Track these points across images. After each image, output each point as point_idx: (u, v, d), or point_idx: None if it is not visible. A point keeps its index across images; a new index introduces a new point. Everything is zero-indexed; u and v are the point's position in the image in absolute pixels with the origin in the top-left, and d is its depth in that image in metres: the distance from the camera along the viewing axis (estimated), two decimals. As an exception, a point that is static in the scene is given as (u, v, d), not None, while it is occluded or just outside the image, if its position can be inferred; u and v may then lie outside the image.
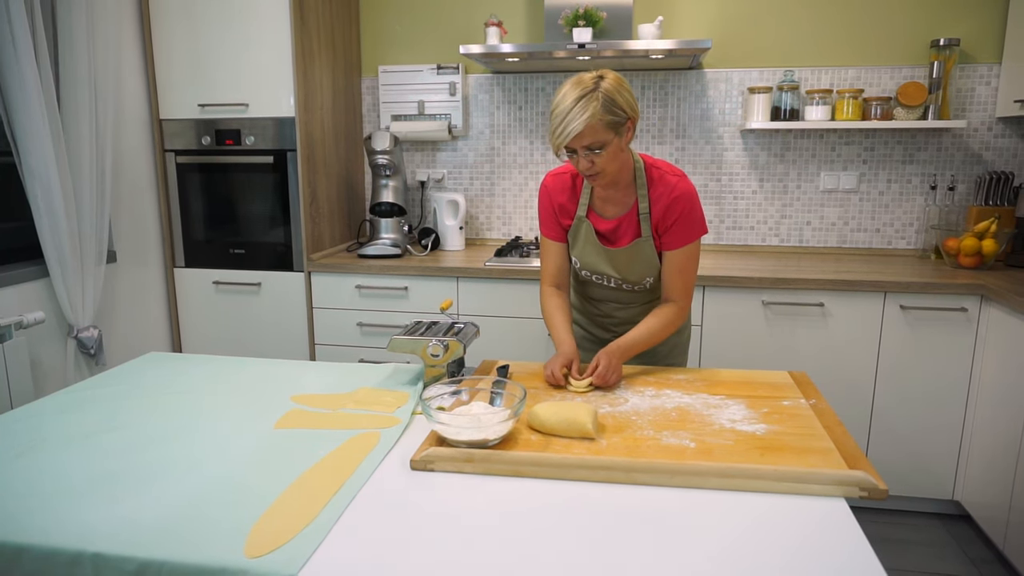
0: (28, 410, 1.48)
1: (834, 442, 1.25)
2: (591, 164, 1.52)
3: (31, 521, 1.03)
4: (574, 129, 1.46)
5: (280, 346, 2.92)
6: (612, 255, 1.70)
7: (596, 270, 1.74)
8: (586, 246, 1.72)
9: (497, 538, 1.00)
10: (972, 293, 2.37)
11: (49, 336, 2.38)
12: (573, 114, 1.45)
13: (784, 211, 3.04)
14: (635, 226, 1.67)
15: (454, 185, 3.30)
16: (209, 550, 0.95)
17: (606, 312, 1.86)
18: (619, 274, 1.72)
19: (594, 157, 1.51)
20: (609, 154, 1.51)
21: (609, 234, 1.70)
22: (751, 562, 0.93)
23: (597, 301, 1.86)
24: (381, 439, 1.31)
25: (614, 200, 1.68)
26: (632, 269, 1.71)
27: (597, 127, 1.47)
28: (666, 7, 2.97)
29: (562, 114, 1.47)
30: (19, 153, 2.20)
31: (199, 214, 2.92)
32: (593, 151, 1.50)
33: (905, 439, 2.52)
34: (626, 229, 1.68)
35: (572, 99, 1.46)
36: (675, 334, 1.86)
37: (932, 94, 2.74)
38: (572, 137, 1.47)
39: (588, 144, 1.49)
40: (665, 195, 1.62)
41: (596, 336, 1.90)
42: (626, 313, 1.83)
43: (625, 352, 1.60)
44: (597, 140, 1.48)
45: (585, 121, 1.45)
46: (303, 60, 2.76)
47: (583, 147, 1.49)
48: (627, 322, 1.79)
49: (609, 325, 1.86)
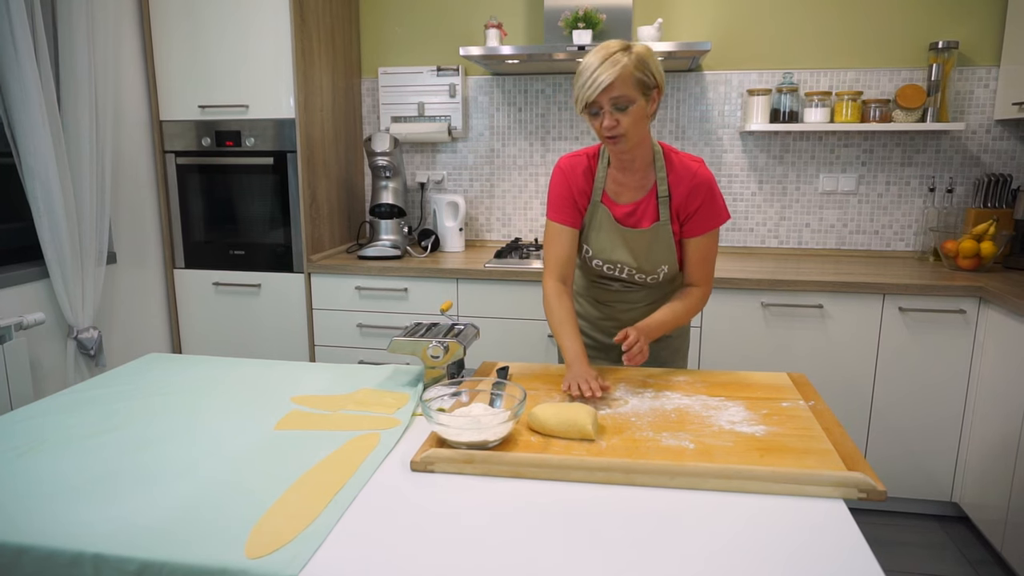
0: (28, 411, 1.48)
1: (833, 444, 1.25)
2: (615, 123, 1.48)
3: (31, 522, 1.04)
4: (604, 80, 1.43)
5: (280, 347, 2.92)
6: (630, 238, 1.65)
7: (611, 258, 1.69)
8: (602, 231, 1.68)
9: (497, 539, 1.00)
10: (970, 295, 2.37)
11: (49, 337, 2.38)
12: (604, 67, 1.44)
13: (783, 213, 3.05)
14: (653, 210, 1.64)
15: (454, 187, 3.30)
16: (210, 551, 0.95)
17: (610, 315, 1.82)
18: (635, 261, 1.68)
19: (619, 116, 1.48)
20: (634, 115, 1.48)
21: (626, 218, 1.66)
22: (750, 563, 0.93)
23: (602, 304, 1.82)
24: (381, 440, 1.31)
25: (630, 184, 1.65)
26: (650, 255, 1.67)
27: (628, 80, 1.45)
28: (665, 9, 2.98)
29: (590, 67, 1.45)
30: (19, 154, 2.20)
31: (199, 215, 2.92)
32: (619, 109, 1.47)
33: (903, 441, 2.53)
34: (644, 212, 1.65)
35: (601, 56, 1.45)
36: (676, 338, 1.86)
37: (931, 96, 2.74)
38: (602, 89, 1.44)
39: (616, 97, 1.45)
40: (686, 179, 1.60)
41: (597, 341, 1.86)
42: (630, 316, 1.78)
43: (652, 332, 1.58)
44: (625, 95, 1.45)
45: (616, 72, 1.43)
46: (303, 62, 2.76)
47: (610, 100, 1.46)
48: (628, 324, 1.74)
49: (611, 329, 1.82)
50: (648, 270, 1.69)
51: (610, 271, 1.73)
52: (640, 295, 1.78)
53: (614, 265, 1.71)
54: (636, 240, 1.66)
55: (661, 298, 1.76)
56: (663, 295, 1.77)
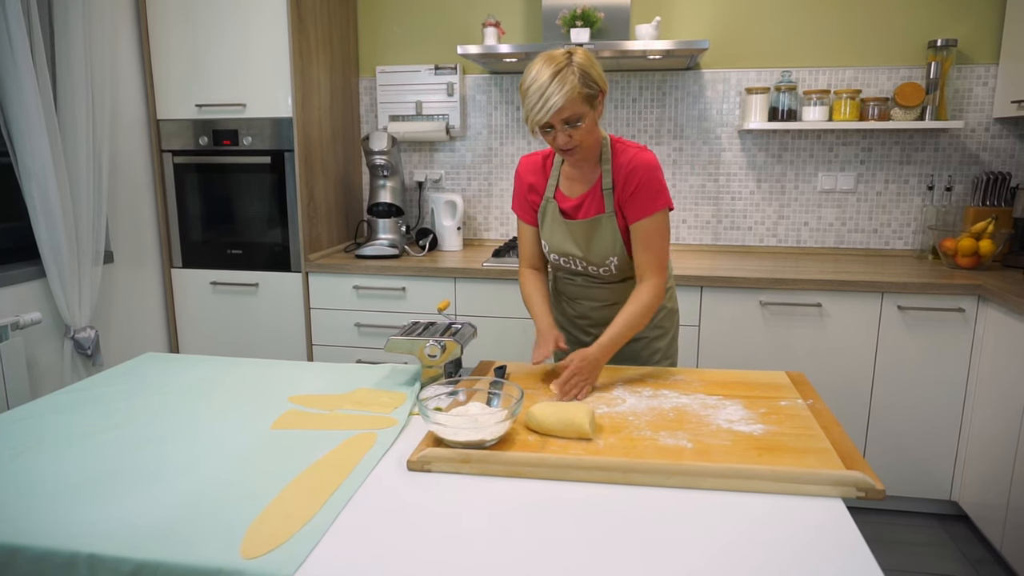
0: (24, 411, 1.48)
1: (831, 442, 1.25)
2: (569, 138, 1.54)
3: (26, 522, 1.03)
4: (555, 104, 1.47)
5: (277, 347, 2.91)
6: (575, 230, 1.70)
7: (562, 250, 1.74)
8: (552, 225, 1.74)
9: (494, 539, 0.99)
10: (969, 293, 2.37)
11: (46, 337, 2.37)
12: (552, 89, 1.47)
13: (782, 212, 3.04)
14: (598, 202, 1.68)
15: (452, 185, 3.30)
16: (205, 551, 0.95)
17: (581, 312, 1.85)
18: (581, 252, 1.72)
19: (572, 131, 1.53)
20: (586, 127, 1.54)
21: (573, 211, 1.71)
22: (748, 562, 0.93)
23: (572, 300, 1.86)
24: (378, 440, 1.31)
25: (579, 178, 1.70)
26: (593, 246, 1.70)
27: (576, 100, 1.49)
28: (664, 7, 2.97)
29: (539, 90, 1.48)
30: (15, 153, 2.19)
31: (196, 214, 2.91)
32: (572, 125, 1.52)
33: (902, 439, 2.52)
34: (589, 205, 1.69)
35: (548, 75, 1.47)
36: (658, 339, 1.85)
37: (929, 95, 2.74)
38: (553, 112, 1.48)
39: (567, 118, 1.50)
40: (624, 166, 1.63)
41: (575, 338, 1.89)
42: (601, 314, 1.80)
43: (606, 351, 1.56)
44: (576, 113, 1.50)
45: (565, 95, 1.46)
46: (301, 60, 2.75)
47: (562, 121, 1.51)
48: (603, 323, 1.72)
49: (586, 327, 1.86)
50: (596, 262, 1.73)
51: (566, 264, 1.78)
52: (603, 292, 1.80)
53: (567, 258, 1.76)
54: (580, 231, 1.70)
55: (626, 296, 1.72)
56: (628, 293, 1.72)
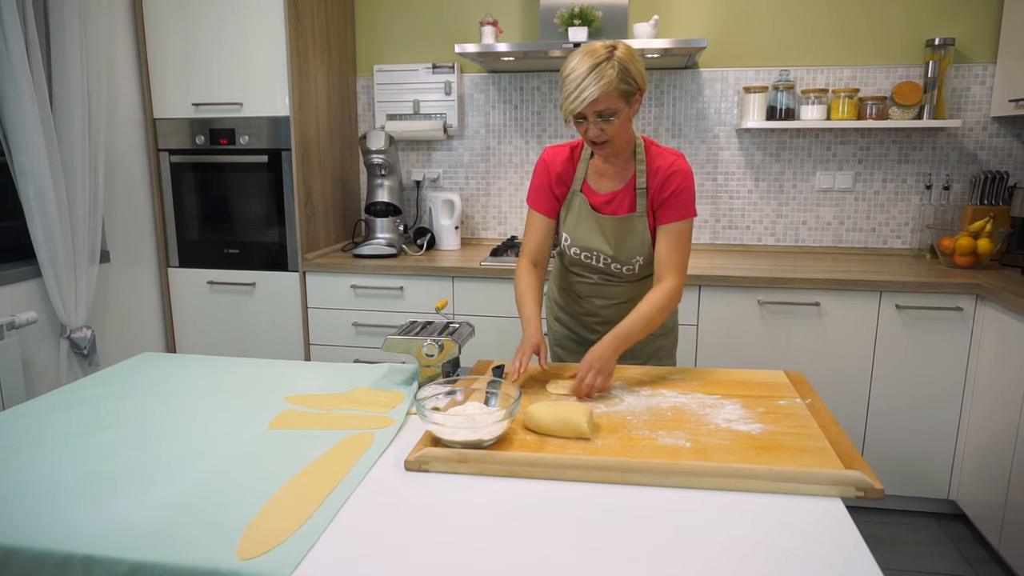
0: (20, 411, 1.47)
1: (830, 442, 1.25)
2: (601, 132, 1.53)
3: (21, 523, 1.02)
4: (590, 95, 1.46)
5: (275, 346, 2.91)
6: (606, 225, 1.69)
7: (587, 245, 1.72)
8: (579, 218, 1.71)
9: (492, 539, 0.99)
10: (967, 292, 2.37)
11: (42, 336, 2.36)
12: (588, 80, 1.46)
13: (780, 211, 3.04)
14: (631, 200, 1.67)
15: (449, 184, 3.29)
16: (201, 551, 0.95)
17: (590, 310, 1.83)
18: (610, 249, 1.70)
19: (604, 125, 1.52)
20: (619, 123, 1.53)
21: (603, 206, 1.70)
22: (747, 562, 0.93)
23: (581, 298, 1.84)
24: (375, 440, 1.30)
25: (610, 174, 1.68)
26: (623, 244, 1.69)
27: (612, 94, 1.48)
28: (662, 6, 2.97)
29: (576, 80, 1.47)
30: (11, 152, 2.18)
31: (193, 214, 2.90)
32: (604, 119, 1.51)
33: (901, 439, 2.53)
34: (620, 202, 1.68)
35: (587, 66, 1.47)
36: (662, 336, 1.85)
37: (927, 94, 2.74)
38: (587, 103, 1.47)
39: (601, 111, 1.50)
40: (663, 169, 1.63)
41: (580, 336, 1.88)
42: (610, 312, 1.79)
43: (619, 346, 1.53)
44: (610, 107, 1.49)
45: (601, 88, 1.46)
46: (298, 59, 2.75)
47: (595, 113, 1.50)
48: (611, 321, 1.72)
49: (593, 324, 1.84)
50: (623, 259, 1.72)
51: (587, 259, 1.76)
52: (618, 290, 1.79)
53: (591, 253, 1.73)
54: (611, 228, 1.69)
55: (640, 294, 1.73)
56: (642, 291, 1.73)
